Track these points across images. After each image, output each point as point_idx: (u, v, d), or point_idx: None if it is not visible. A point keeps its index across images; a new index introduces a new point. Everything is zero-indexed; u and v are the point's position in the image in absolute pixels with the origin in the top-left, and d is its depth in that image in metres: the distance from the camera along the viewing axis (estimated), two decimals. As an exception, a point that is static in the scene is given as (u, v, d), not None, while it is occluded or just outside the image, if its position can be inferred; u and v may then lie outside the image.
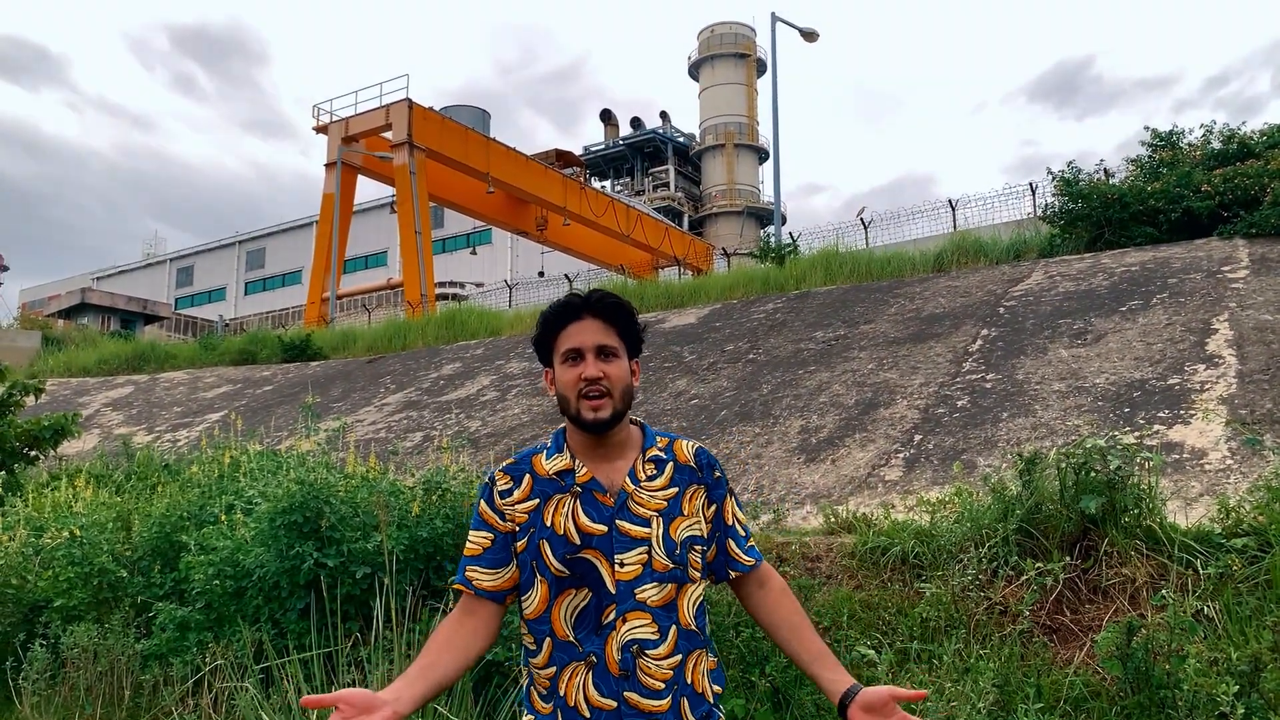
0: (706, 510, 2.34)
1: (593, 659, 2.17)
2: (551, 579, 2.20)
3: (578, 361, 2.23)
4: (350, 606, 5.27)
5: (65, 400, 20.11)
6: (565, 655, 2.19)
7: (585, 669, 2.17)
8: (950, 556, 5.44)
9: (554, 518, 2.21)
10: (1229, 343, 9.08)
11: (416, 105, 31.80)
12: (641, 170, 70.50)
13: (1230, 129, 15.35)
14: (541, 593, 2.21)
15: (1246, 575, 4.71)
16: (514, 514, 2.24)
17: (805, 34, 27.69)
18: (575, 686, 2.17)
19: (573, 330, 2.25)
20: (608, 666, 2.16)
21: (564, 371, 2.24)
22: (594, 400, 2.20)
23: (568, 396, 2.23)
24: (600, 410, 2.20)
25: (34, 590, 6.48)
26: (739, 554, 2.39)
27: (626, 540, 2.20)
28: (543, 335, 2.30)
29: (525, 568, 2.24)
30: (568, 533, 2.19)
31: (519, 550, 2.24)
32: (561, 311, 2.28)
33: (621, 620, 2.18)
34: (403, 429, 13.56)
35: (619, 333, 2.28)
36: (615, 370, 2.24)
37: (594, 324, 2.25)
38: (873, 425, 9.37)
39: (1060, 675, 4.53)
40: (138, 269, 71.04)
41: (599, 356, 2.23)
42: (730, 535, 2.39)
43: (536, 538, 2.21)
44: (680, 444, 2.36)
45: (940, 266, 15.68)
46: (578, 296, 2.30)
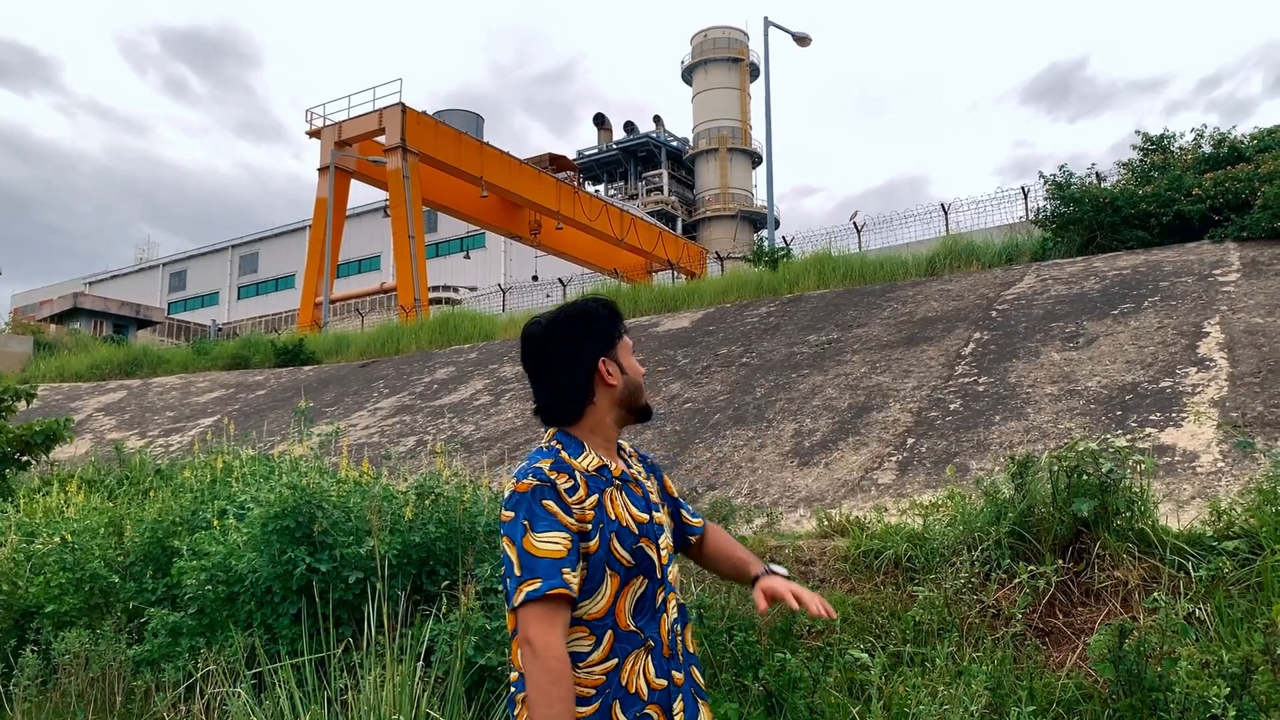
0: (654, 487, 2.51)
1: (651, 643, 2.25)
2: (622, 571, 2.23)
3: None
4: (343, 611, 5.26)
5: (58, 405, 20.05)
6: (628, 645, 2.22)
7: (645, 653, 2.24)
8: (943, 559, 5.44)
9: (614, 510, 2.25)
10: (1220, 346, 9.11)
11: (410, 109, 31.80)
12: (635, 174, 70.57)
13: (1221, 133, 15.41)
14: (611, 588, 2.22)
15: (1238, 578, 4.72)
16: (583, 513, 2.20)
17: (798, 38, 27.76)
18: (637, 672, 2.22)
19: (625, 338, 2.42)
20: (662, 647, 2.27)
21: (636, 364, 2.40)
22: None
23: (642, 385, 2.40)
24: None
25: (25, 596, 6.45)
26: (691, 520, 2.62)
27: (660, 526, 2.36)
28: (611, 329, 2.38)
29: (598, 568, 2.20)
30: (629, 524, 2.26)
31: (592, 550, 2.19)
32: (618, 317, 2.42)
33: (667, 601, 2.31)
34: (396, 433, 13.54)
35: None
36: None
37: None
38: (866, 428, 9.38)
39: (1053, 678, 4.53)
40: (130, 273, 70.87)
41: None
42: (680, 506, 2.60)
43: (607, 532, 2.22)
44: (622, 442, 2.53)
45: (933, 270, 15.72)
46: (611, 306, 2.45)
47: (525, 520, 2.15)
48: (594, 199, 43.16)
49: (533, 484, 2.18)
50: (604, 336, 2.35)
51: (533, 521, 2.15)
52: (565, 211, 38.35)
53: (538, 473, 2.20)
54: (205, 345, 25.62)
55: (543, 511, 2.15)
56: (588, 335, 2.33)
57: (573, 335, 2.32)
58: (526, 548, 2.13)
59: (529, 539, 2.14)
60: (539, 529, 2.14)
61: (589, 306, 2.38)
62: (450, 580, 5.25)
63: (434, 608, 5.01)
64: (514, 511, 2.18)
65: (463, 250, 52.35)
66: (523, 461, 2.32)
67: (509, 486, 2.22)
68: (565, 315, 2.36)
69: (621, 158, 70.91)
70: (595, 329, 2.34)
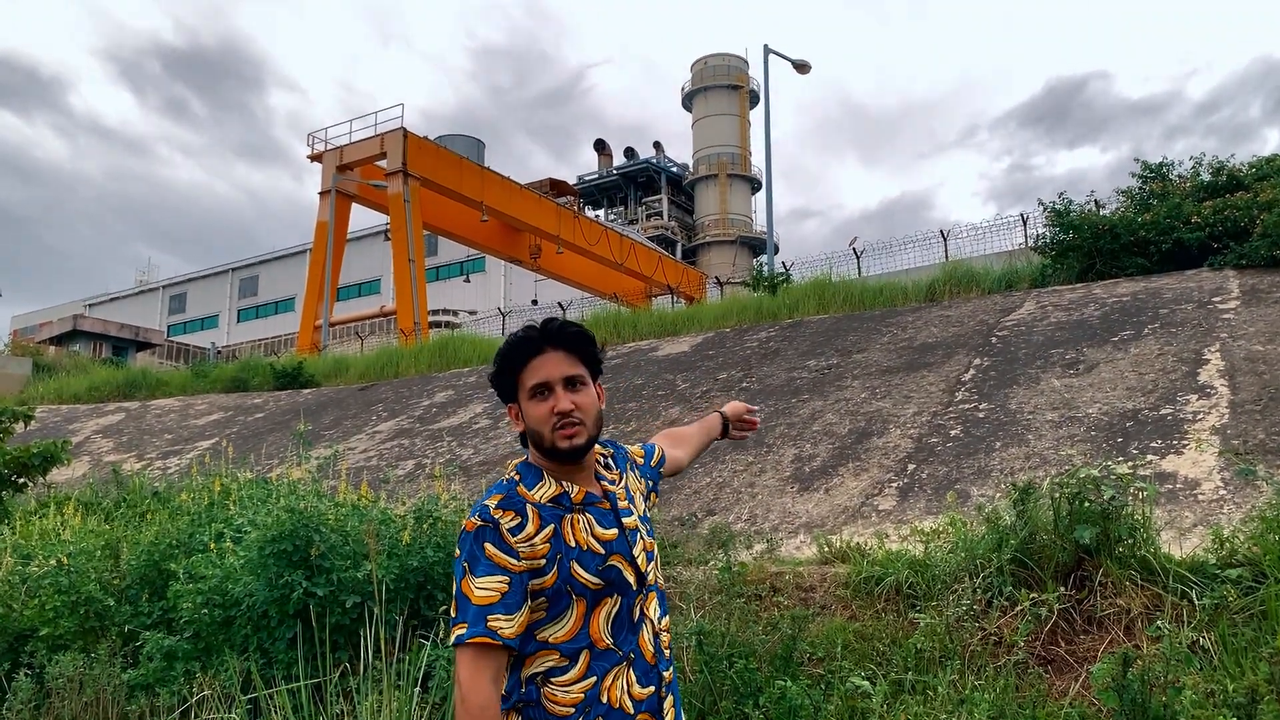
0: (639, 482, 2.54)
1: (631, 656, 2.24)
2: (590, 595, 2.21)
3: (547, 396, 2.24)
4: (339, 636, 5.22)
5: (55, 427, 20.01)
6: (605, 663, 2.21)
7: (626, 667, 2.23)
8: (944, 586, 5.41)
9: (575, 536, 2.22)
10: (1221, 373, 9.10)
11: (411, 134, 31.94)
12: (635, 199, 70.84)
13: (1219, 161, 15.47)
14: (578, 613, 2.20)
15: (1242, 606, 4.69)
16: (533, 550, 2.16)
17: (797, 65, 27.93)
18: (620, 688, 2.21)
19: (536, 365, 2.26)
20: (644, 658, 2.26)
21: (534, 407, 2.25)
22: (568, 429, 2.23)
23: (540, 430, 2.24)
24: (576, 438, 2.24)
25: (20, 619, 6.40)
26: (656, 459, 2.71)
27: (632, 533, 2.32)
28: (504, 372, 2.29)
29: (561, 597, 2.18)
30: (592, 546, 2.23)
31: (547, 584, 2.16)
32: (522, 346, 2.27)
33: (646, 608, 2.30)
34: (394, 457, 13.51)
35: (582, 359, 2.30)
36: (585, 399, 2.27)
37: (557, 355, 2.27)
38: (866, 454, 9.36)
39: (1056, 707, 4.49)
40: (130, 296, 70.97)
41: (567, 388, 2.25)
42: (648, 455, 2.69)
43: (566, 561, 2.19)
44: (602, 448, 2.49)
45: (932, 296, 15.74)
46: (535, 329, 2.29)
47: (466, 562, 2.15)
48: (594, 224, 43.29)
49: (476, 525, 2.16)
50: (503, 383, 2.31)
51: (472, 564, 2.14)
52: (565, 236, 38.44)
53: (483, 512, 2.18)
54: (204, 368, 25.60)
55: (482, 554, 2.14)
56: (495, 381, 2.32)
57: (491, 377, 2.34)
58: (463, 590, 2.13)
59: (466, 582, 2.13)
60: (477, 573, 2.13)
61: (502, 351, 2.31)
62: (448, 605, 5.22)
63: (431, 633, 4.98)
64: (460, 550, 2.18)
65: (463, 274, 52.47)
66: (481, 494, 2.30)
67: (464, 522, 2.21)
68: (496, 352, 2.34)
69: (621, 183, 71.20)
70: (498, 373, 2.31)
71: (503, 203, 35.23)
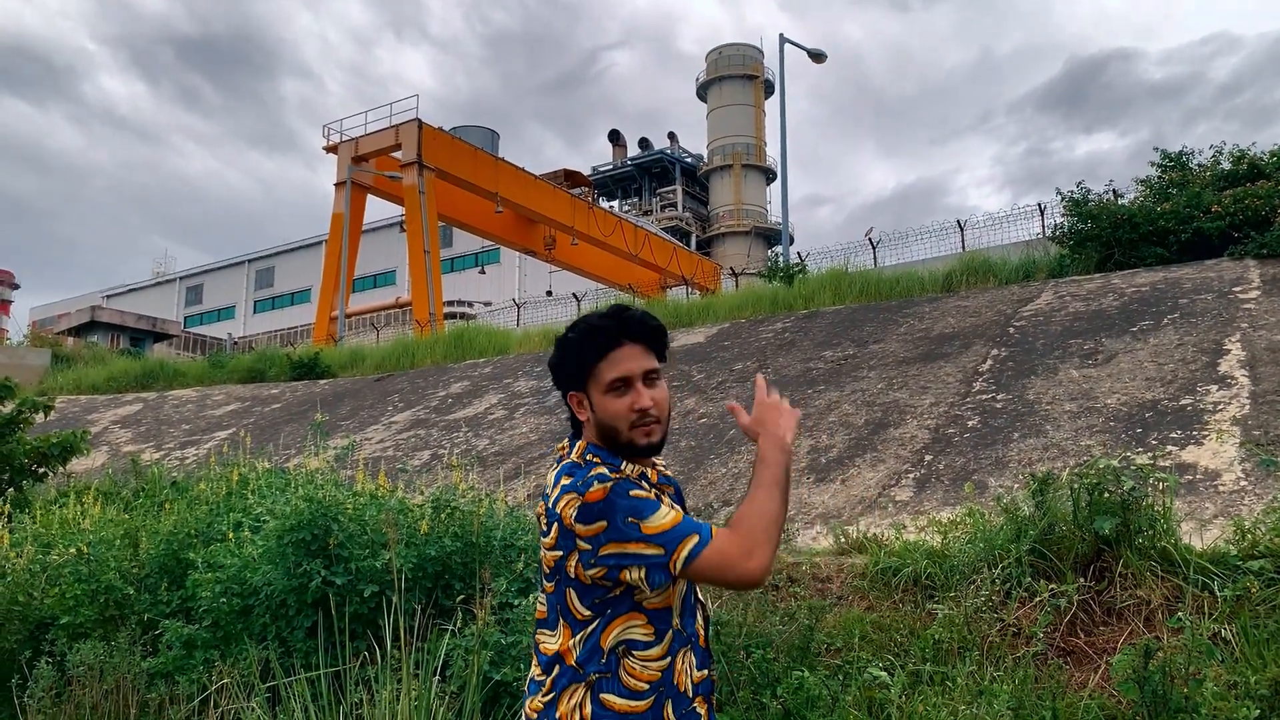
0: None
1: (692, 639, 2.28)
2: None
3: (626, 391, 2.20)
4: (358, 625, 5.23)
5: (74, 418, 20.15)
6: (679, 643, 2.24)
7: (689, 649, 2.26)
8: (963, 577, 5.39)
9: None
10: (1241, 363, 9.02)
11: (426, 125, 31.96)
12: (649, 190, 70.75)
13: (1240, 149, 15.33)
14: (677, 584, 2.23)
15: (1264, 598, 4.65)
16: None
17: (813, 55, 27.80)
18: (684, 670, 2.24)
19: (616, 358, 2.20)
20: (698, 641, 2.29)
21: (612, 401, 2.20)
22: (647, 427, 2.21)
23: (617, 426, 2.20)
24: (653, 435, 2.22)
25: (40, 607, 6.45)
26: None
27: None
28: (572, 360, 2.24)
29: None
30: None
31: None
32: (600, 338, 2.22)
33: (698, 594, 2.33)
34: (411, 447, 13.54)
35: (656, 354, 2.26)
36: (661, 395, 2.24)
37: (636, 349, 2.22)
38: (883, 445, 9.33)
39: (1075, 698, 4.47)
40: (147, 287, 71.35)
41: (646, 383, 2.22)
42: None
43: None
44: None
45: (949, 286, 15.66)
46: (611, 319, 2.23)
47: (630, 516, 2.09)
48: (608, 215, 43.25)
49: (610, 483, 2.11)
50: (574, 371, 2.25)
51: (640, 510, 2.09)
52: (580, 227, 38.43)
53: (601, 477, 2.13)
54: (221, 359, 25.70)
55: (639, 499, 2.11)
56: (559, 366, 2.27)
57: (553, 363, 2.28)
58: (650, 530, 2.08)
59: (647, 524, 2.08)
60: (648, 513, 2.09)
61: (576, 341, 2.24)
62: (466, 594, 5.23)
63: (450, 622, 4.99)
64: (606, 518, 2.09)
65: (478, 265, 52.50)
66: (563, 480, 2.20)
67: (573, 505, 2.12)
68: (561, 338, 2.28)
69: (636, 174, 71.12)
70: (563, 361, 2.26)
71: (517, 194, 35.23)
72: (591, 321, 2.24)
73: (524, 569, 5.49)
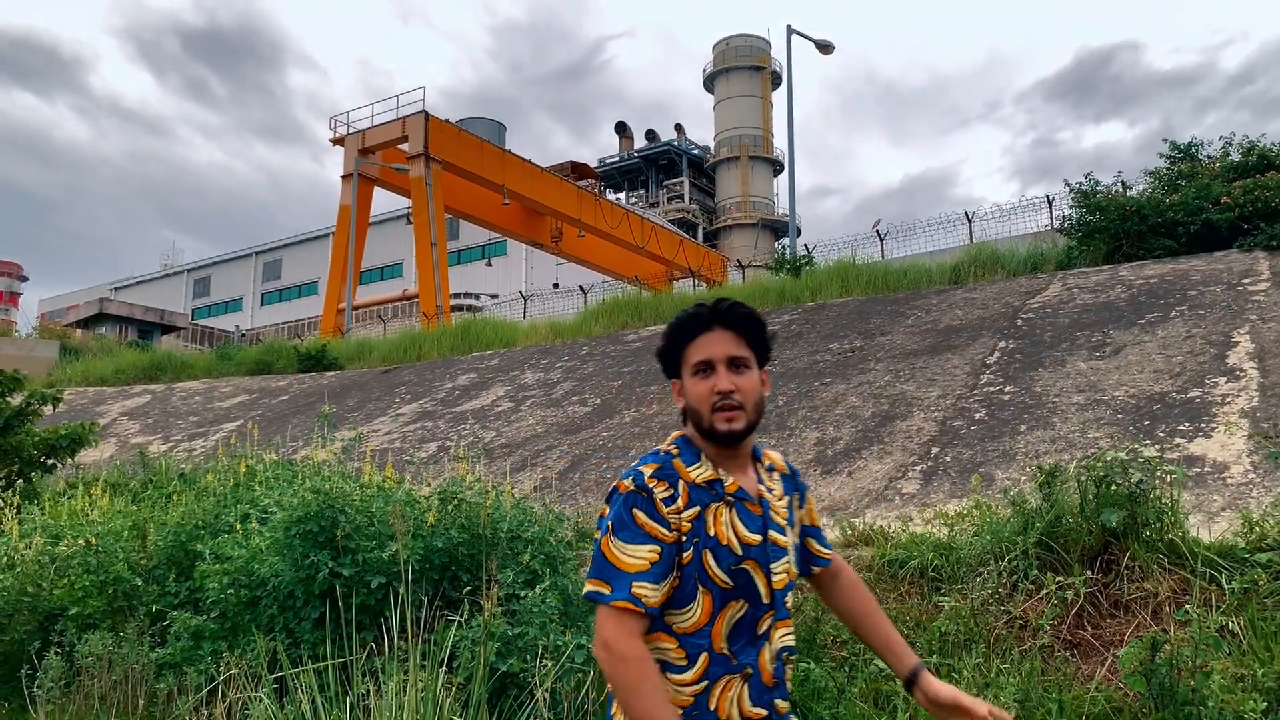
0: (797, 513, 2.40)
1: (748, 671, 2.16)
2: (716, 591, 2.14)
3: (709, 374, 2.20)
4: (365, 616, 5.25)
5: (83, 409, 20.21)
6: (720, 669, 2.14)
7: (740, 681, 2.15)
8: (969, 570, 5.38)
9: (716, 527, 2.15)
10: (1250, 355, 8.99)
11: (433, 117, 31.96)
12: (656, 182, 70.65)
13: (1250, 141, 15.26)
14: (705, 605, 2.14)
15: (1272, 590, 4.64)
16: (679, 523, 2.12)
17: (820, 46, 27.68)
18: (729, 699, 2.14)
19: (703, 342, 2.21)
20: (761, 677, 2.17)
21: (695, 384, 2.20)
22: (728, 412, 2.17)
23: (700, 409, 2.19)
24: (734, 422, 2.17)
25: (49, 598, 6.48)
26: (819, 550, 2.47)
27: (777, 549, 2.22)
28: (670, 346, 2.26)
29: (689, 580, 2.13)
30: (730, 543, 2.15)
31: (684, 561, 2.12)
32: (691, 323, 2.24)
33: (774, 630, 2.21)
34: (417, 439, 13.56)
35: (749, 343, 2.24)
36: (747, 382, 2.20)
37: (724, 335, 2.22)
38: (890, 437, 9.31)
39: (1082, 691, 4.46)
40: (155, 279, 71.54)
41: (731, 368, 2.20)
42: (811, 534, 2.47)
43: (701, 548, 2.13)
44: (770, 453, 2.40)
45: (957, 278, 15.63)
46: (706, 306, 2.24)
47: (611, 523, 2.12)
48: (615, 207, 43.22)
49: (629, 489, 2.13)
50: (668, 357, 2.28)
51: (617, 527, 2.11)
52: (586, 219, 38.41)
53: (638, 478, 2.14)
54: (229, 351, 25.76)
55: (630, 520, 2.11)
56: (662, 355, 2.29)
57: (658, 351, 2.31)
58: (604, 550, 2.11)
59: (608, 542, 2.11)
60: (620, 536, 2.10)
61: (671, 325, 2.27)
62: (473, 586, 5.24)
63: (457, 614, 4.99)
64: (608, 508, 2.17)
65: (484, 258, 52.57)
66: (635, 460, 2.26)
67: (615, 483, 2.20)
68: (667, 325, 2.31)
69: (643, 165, 71.02)
70: (666, 351, 2.28)
71: (524, 186, 35.22)
72: (688, 310, 2.26)
73: (530, 560, 5.49)
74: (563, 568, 5.67)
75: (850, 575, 2.52)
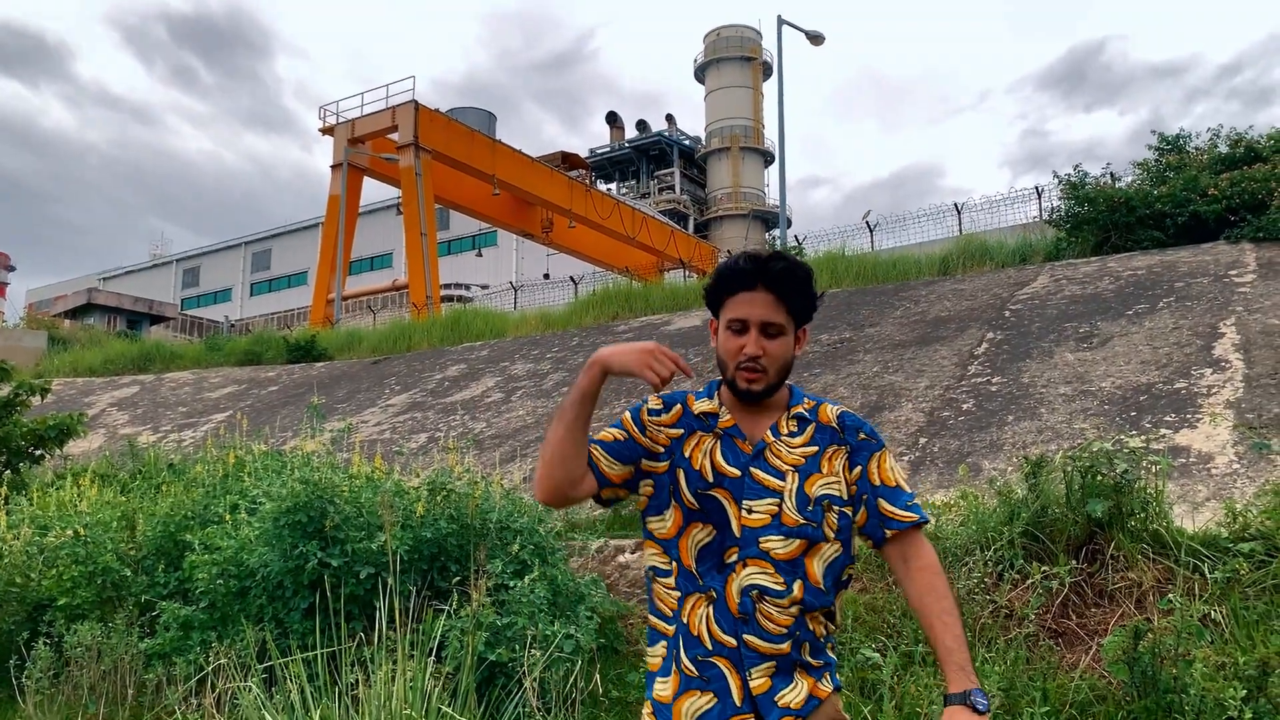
0: (848, 473, 2.29)
1: (713, 594, 2.22)
2: (685, 509, 2.26)
3: (741, 334, 2.23)
4: (354, 607, 5.26)
5: (71, 400, 20.15)
6: (689, 584, 2.24)
7: (706, 602, 2.22)
8: (956, 559, 5.42)
9: (693, 451, 2.28)
10: (1236, 347, 9.04)
11: (423, 107, 31.85)
12: (647, 173, 70.52)
13: (1237, 133, 15.32)
14: (675, 519, 2.27)
15: (1254, 580, 4.69)
16: (656, 434, 2.32)
17: (811, 37, 27.67)
18: (699, 617, 2.22)
19: (743, 299, 2.24)
20: (728, 605, 2.21)
21: (727, 338, 2.26)
22: (751, 374, 2.23)
23: (725, 362, 2.27)
24: (755, 384, 2.24)
25: (38, 589, 6.48)
26: (896, 512, 2.28)
27: (758, 488, 2.23)
28: (713, 293, 2.31)
29: (663, 489, 2.28)
30: (703, 469, 2.26)
31: (659, 470, 2.29)
32: (736, 277, 2.25)
33: (742, 564, 2.21)
34: (407, 430, 13.56)
35: (789, 308, 2.26)
36: (778, 348, 2.24)
37: (765, 297, 2.23)
38: (878, 428, 9.34)
39: (1066, 679, 4.51)
40: (144, 270, 71.17)
41: (763, 333, 2.23)
42: (881, 494, 2.30)
43: (675, 465, 2.28)
44: (825, 407, 2.37)
45: (946, 270, 15.67)
46: (754, 261, 2.25)
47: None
48: (606, 197, 43.17)
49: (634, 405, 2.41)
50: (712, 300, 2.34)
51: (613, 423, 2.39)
52: (577, 210, 38.36)
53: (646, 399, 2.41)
54: (218, 341, 25.69)
55: (620, 418, 2.39)
56: (708, 291, 2.35)
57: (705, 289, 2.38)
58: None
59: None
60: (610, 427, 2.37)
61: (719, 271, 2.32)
62: (462, 576, 5.25)
63: (446, 604, 5.01)
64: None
65: (475, 248, 52.41)
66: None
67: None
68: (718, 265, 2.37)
69: (634, 156, 70.86)
70: (711, 287, 2.33)
71: (514, 176, 35.14)
72: (735, 259, 2.29)
73: (519, 551, 5.51)
74: (552, 558, 5.69)
75: (924, 562, 2.27)
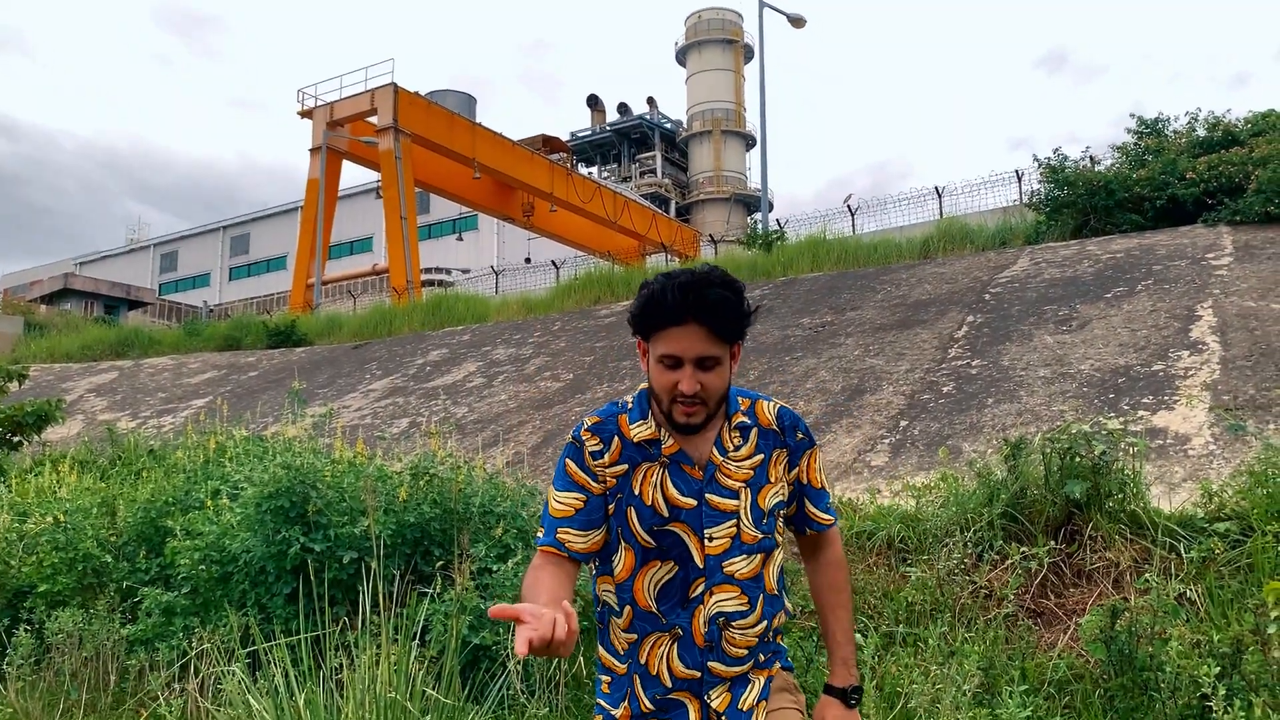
0: (788, 474, 2.27)
1: (678, 631, 2.16)
2: (638, 548, 2.15)
3: (675, 369, 2.08)
4: (337, 591, 5.26)
5: (48, 386, 19.98)
6: (647, 625, 2.17)
7: (670, 640, 2.17)
8: (936, 541, 5.47)
9: (642, 486, 2.15)
10: (1213, 329, 9.13)
11: (402, 90, 31.62)
12: (629, 156, 70.33)
13: (1215, 116, 15.41)
14: (626, 561, 2.17)
15: (1229, 559, 4.75)
16: (605, 478, 2.16)
17: (792, 20, 27.62)
18: (659, 656, 2.17)
19: (674, 334, 2.06)
20: (694, 638, 2.16)
21: (660, 373, 2.10)
22: (688, 408, 2.10)
23: (660, 396, 2.12)
24: (693, 417, 2.11)
25: (18, 576, 6.44)
26: (816, 513, 2.32)
27: (716, 514, 2.16)
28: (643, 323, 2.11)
29: (611, 532, 2.18)
30: (656, 504, 2.14)
31: (609, 513, 2.17)
32: (663, 313, 2.06)
33: (709, 594, 2.15)
34: (389, 415, 13.53)
35: (722, 335, 2.08)
36: (715, 380, 2.09)
37: (698, 331, 2.04)
38: (859, 411, 9.40)
39: (1044, 658, 4.56)
40: (121, 254, 70.50)
41: (698, 368, 2.07)
42: (808, 494, 2.31)
43: (625, 504, 2.15)
44: (761, 405, 2.26)
45: (927, 253, 15.73)
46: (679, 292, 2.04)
47: (556, 473, 2.22)
48: (587, 181, 43.05)
49: (569, 440, 2.22)
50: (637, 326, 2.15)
51: (556, 476, 2.21)
52: (558, 193, 38.23)
53: (576, 430, 2.21)
54: (197, 326, 25.53)
55: (563, 469, 2.20)
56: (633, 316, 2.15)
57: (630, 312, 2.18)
58: (547, 496, 2.22)
59: (550, 490, 2.22)
60: (556, 484, 2.20)
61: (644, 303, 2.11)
62: (445, 560, 5.26)
63: (429, 588, 5.02)
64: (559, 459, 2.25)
65: (455, 232, 52.16)
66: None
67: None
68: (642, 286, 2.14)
69: (615, 139, 70.64)
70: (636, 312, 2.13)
71: (495, 159, 34.97)
72: (662, 289, 2.07)
73: (503, 535, 5.52)
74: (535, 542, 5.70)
75: (831, 556, 2.36)
